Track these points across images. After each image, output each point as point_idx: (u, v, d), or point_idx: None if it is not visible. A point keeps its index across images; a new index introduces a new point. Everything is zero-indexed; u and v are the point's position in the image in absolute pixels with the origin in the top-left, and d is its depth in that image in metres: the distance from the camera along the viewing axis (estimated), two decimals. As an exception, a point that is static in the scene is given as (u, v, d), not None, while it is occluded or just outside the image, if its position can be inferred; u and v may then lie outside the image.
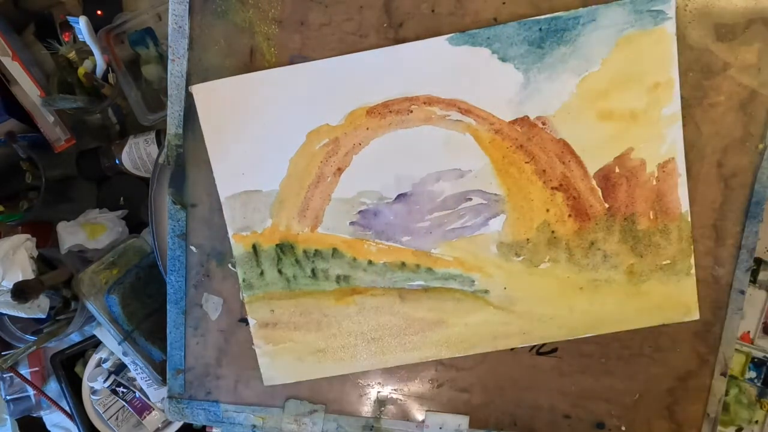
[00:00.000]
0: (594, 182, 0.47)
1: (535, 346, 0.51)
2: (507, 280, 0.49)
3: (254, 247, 0.50)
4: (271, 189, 0.49)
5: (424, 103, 0.46)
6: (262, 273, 0.51)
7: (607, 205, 0.47)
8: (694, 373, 0.51)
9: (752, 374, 0.63)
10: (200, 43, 0.47)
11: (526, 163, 0.47)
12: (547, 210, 0.47)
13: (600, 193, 0.47)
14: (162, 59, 0.62)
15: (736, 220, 0.48)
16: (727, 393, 0.59)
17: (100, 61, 0.61)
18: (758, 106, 0.46)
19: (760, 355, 0.62)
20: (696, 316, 0.49)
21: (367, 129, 0.47)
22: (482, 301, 0.49)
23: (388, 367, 0.52)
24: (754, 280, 0.61)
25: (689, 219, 0.47)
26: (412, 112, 0.46)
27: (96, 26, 0.59)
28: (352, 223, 0.49)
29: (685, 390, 0.51)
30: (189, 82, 0.48)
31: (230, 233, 0.50)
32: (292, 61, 0.47)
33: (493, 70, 0.45)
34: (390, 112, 0.47)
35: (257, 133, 0.48)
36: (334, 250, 0.49)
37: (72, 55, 0.62)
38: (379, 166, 0.48)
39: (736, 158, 0.47)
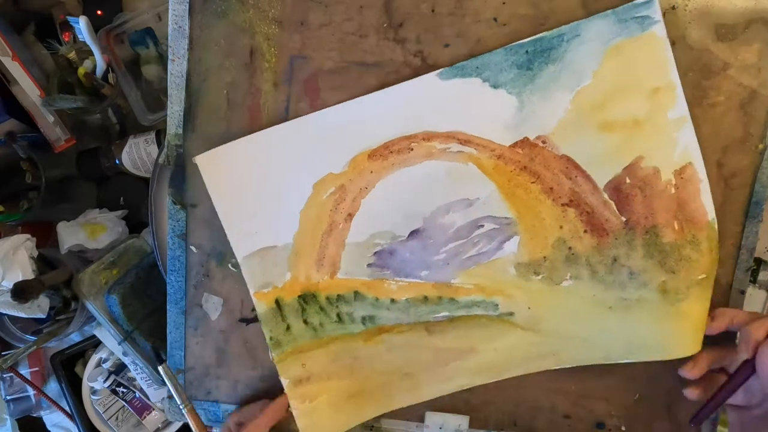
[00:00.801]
0: (605, 195, 0.45)
1: (535, 346, 0.51)
2: (530, 299, 0.48)
3: (277, 302, 0.50)
4: (285, 243, 0.49)
5: (423, 139, 0.46)
6: (288, 328, 0.50)
7: (624, 218, 0.45)
8: (694, 373, 0.51)
9: (752, 374, 0.62)
10: (200, 43, 0.47)
11: (531, 183, 0.46)
12: (561, 227, 0.46)
13: (614, 206, 0.45)
14: (162, 59, 0.62)
15: (736, 220, 0.48)
16: (727, 393, 0.59)
17: (100, 61, 0.61)
18: (758, 106, 0.46)
19: (760, 355, 0.62)
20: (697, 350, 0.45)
21: (371, 172, 0.47)
22: (508, 323, 0.48)
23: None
24: (754, 280, 0.61)
25: (716, 227, 0.44)
26: (412, 149, 0.46)
27: (96, 26, 0.59)
28: (369, 265, 0.49)
29: (685, 390, 0.51)
30: (189, 82, 0.48)
31: (251, 292, 0.50)
32: (292, 62, 0.47)
33: (486, 97, 0.45)
34: (391, 152, 0.46)
35: (265, 191, 0.48)
36: (356, 293, 0.49)
37: (72, 55, 0.62)
38: (388, 206, 0.48)
39: (736, 158, 0.47)
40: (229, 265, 0.51)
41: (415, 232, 0.48)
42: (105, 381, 0.64)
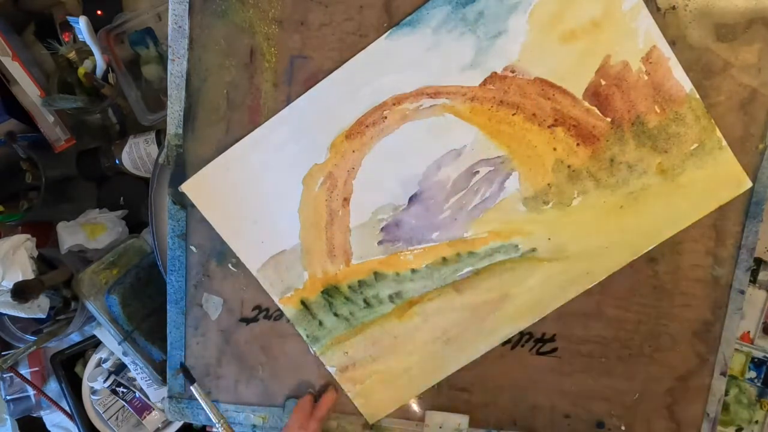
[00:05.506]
0: (586, 103, 0.46)
1: (535, 345, 0.51)
2: (547, 230, 0.48)
3: (303, 302, 0.50)
4: (293, 245, 0.49)
5: (394, 104, 0.46)
6: (320, 323, 0.51)
7: (609, 119, 0.46)
8: (694, 372, 0.51)
9: (752, 374, 0.63)
10: (200, 43, 0.47)
11: (513, 115, 0.46)
12: (554, 148, 0.46)
13: (597, 111, 0.46)
14: (162, 59, 0.62)
15: (736, 220, 0.48)
16: (727, 393, 0.59)
17: (100, 61, 0.61)
18: (758, 106, 0.46)
19: (760, 355, 0.62)
20: (748, 183, 0.47)
21: (353, 152, 0.47)
22: (534, 260, 0.48)
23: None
24: (754, 280, 0.61)
25: (697, 96, 0.45)
26: (386, 118, 0.46)
27: (96, 26, 0.59)
28: (380, 243, 0.49)
29: (685, 390, 0.51)
30: (189, 82, 0.48)
31: (276, 300, 0.50)
32: (292, 62, 0.47)
33: (442, 44, 0.45)
34: (367, 127, 0.47)
35: (258, 200, 0.49)
36: (375, 273, 0.49)
37: (72, 55, 0.62)
38: (380, 180, 0.48)
39: (737, 158, 0.47)
40: (229, 265, 0.51)
41: (414, 197, 0.48)
42: (105, 381, 0.64)
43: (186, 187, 0.49)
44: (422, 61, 0.45)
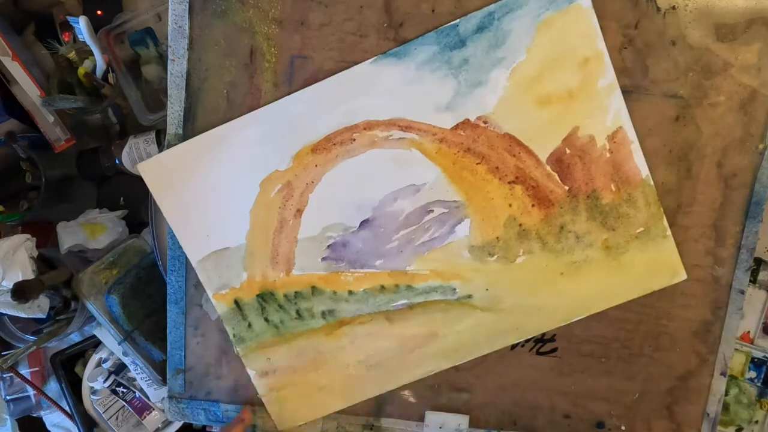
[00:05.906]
0: (548, 168, 0.47)
1: (535, 345, 0.51)
2: (487, 281, 0.49)
3: (236, 302, 0.51)
4: (238, 244, 0.50)
5: (365, 128, 0.47)
6: (249, 325, 0.51)
7: (567, 187, 0.47)
8: (694, 372, 0.51)
9: (752, 374, 0.63)
10: (200, 43, 0.47)
11: (477, 164, 0.47)
12: (510, 204, 0.47)
13: (557, 177, 0.47)
14: (162, 59, 0.62)
15: (736, 220, 0.48)
16: (727, 393, 0.60)
17: (100, 61, 0.61)
18: (758, 106, 0.46)
19: (760, 355, 0.62)
20: (683, 276, 0.48)
21: (316, 166, 0.47)
22: (468, 306, 0.49)
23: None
24: (754, 280, 0.61)
25: (651, 183, 0.47)
26: (355, 140, 0.47)
27: (96, 26, 0.59)
28: (324, 259, 0.49)
29: (685, 390, 0.51)
30: (189, 82, 0.48)
31: (209, 294, 0.51)
32: (292, 62, 0.47)
33: (423, 81, 0.46)
34: (334, 144, 0.47)
35: (212, 193, 0.49)
36: (313, 288, 0.50)
37: (72, 55, 0.62)
38: (337, 199, 0.48)
39: (736, 158, 0.47)
40: (229, 265, 0.51)
41: (365, 222, 0.48)
42: (105, 381, 0.64)
43: (142, 167, 0.49)
44: (401, 93, 0.46)
